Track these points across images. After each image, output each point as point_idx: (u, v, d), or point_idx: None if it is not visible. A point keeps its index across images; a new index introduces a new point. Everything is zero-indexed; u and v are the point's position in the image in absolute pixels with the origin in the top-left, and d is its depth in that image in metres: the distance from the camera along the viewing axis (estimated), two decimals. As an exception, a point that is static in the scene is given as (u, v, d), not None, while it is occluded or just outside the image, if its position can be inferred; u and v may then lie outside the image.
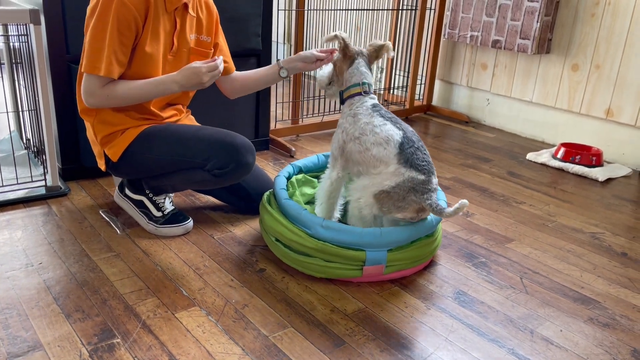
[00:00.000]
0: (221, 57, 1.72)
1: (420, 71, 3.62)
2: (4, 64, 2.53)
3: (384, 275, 1.65)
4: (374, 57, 1.77)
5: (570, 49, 3.00)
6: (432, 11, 3.45)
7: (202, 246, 1.82)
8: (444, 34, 3.43)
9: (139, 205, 1.91)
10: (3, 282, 1.55)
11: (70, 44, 2.07)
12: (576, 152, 2.77)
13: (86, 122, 1.84)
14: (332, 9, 3.33)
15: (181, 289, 1.57)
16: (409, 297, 1.60)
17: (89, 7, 1.68)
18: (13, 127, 2.65)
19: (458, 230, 2.04)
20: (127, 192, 1.94)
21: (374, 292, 1.62)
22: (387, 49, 1.76)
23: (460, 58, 3.56)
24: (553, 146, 3.12)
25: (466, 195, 2.37)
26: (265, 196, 1.85)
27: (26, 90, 2.19)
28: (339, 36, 1.71)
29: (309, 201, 1.99)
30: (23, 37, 1.98)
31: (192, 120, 2.05)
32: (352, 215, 1.71)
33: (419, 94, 3.68)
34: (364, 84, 1.73)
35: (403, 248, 1.65)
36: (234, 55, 2.19)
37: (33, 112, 2.14)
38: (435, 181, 1.65)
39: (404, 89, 3.59)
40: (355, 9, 3.71)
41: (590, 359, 1.39)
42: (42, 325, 1.38)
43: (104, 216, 1.97)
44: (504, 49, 3.11)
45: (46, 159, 2.06)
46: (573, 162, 2.76)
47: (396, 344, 1.39)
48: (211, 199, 2.17)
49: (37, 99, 2.03)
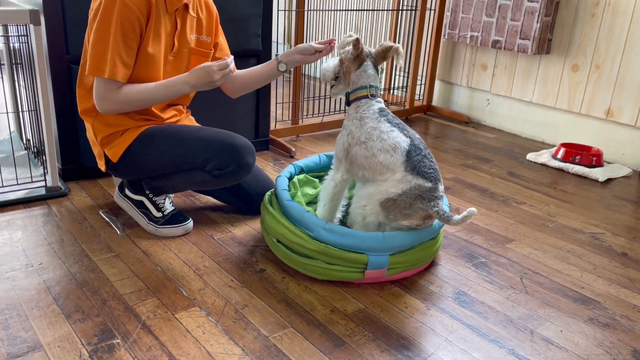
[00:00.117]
0: (232, 57, 1.72)
1: (420, 71, 3.62)
2: (4, 65, 2.53)
3: (385, 277, 1.65)
4: (381, 58, 1.73)
5: (570, 49, 3.00)
6: (432, 11, 3.45)
7: (202, 246, 1.82)
8: (444, 35, 3.43)
9: (139, 205, 1.91)
10: (3, 283, 1.55)
11: (70, 45, 2.07)
12: (576, 152, 2.77)
13: (86, 123, 1.84)
14: (332, 9, 3.34)
15: (181, 290, 1.57)
16: (409, 297, 1.60)
17: (91, 10, 1.68)
18: (13, 128, 2.65)
19: (458, 230, 2.04)
20: (127, 192, 1.94)
21: (374, 293, 1.62)
22: (397, 52, 1.70)
23: (460, 58, 3.56)
24: (553, 146, 3.12)
25: (466, 196, 2.37)
26: (267, 196, 1.84)
27: (26, 91, 2.19)
28: (355, 38, 1.67)
29: (311, 201, 1.99)
30: (23, 37, 1.99)
31: (192, 121, 2.05)
32: (355, 222, 1.70)
33: (419, 94, 3.68)
34: (371, 87, 1.70)
35: (405, 251, 1.64)
36: (234, 55, 2.19)
37: (33, 112, 2.14)
38: (442, 188, 1.64)
39: (404, 89, 3.59)
40: (355, 9, 3.72)
41: (590, 359, 1.39)
42: (42, 325, 1.38)
43: (104, 217, 1.97)
44: (504, 49, 3.11)
45: (46, 160, 2.06)
46: (573, 163, 2.76)
47: (396, 344, 1.39)
48: (211, 200, 2.17)
49: (37, 99, 2.03)
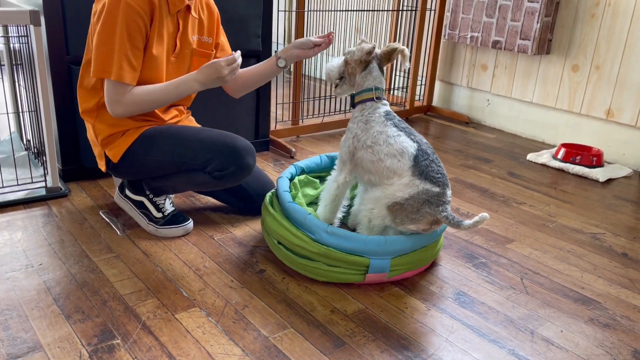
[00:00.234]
0: (239, 52, 1.71)
1: (420, 72, 3.62)
2: (4, 65, 2.53)
3: (386, 279, 1.65)
4: (387, 59, 1.70)
5: (571, 49, 3.00)
6: (432, 12, 3.45)
7: (202, 247, 1.82)
8: (444, 35, 3.43)
9: (139, 206, 1.91)
10: (3, 283, 1.55)
11: (70, 45, 2.07)
12: (576, 152, 2.77)
13: (87, 123, 1.84)
14: (332, 9, 3.34)
15: (181, 290, 1.57)
16: (409, 297, 1.60)
17: (94, 11, 1.67)
18: (13, 128, 2.65)
19: (458, 231, 2.04)
20: (128, 192, 1.94)
21: (374, 293, 1.61)
22: (402, 53, 1.66)
23: (461, 59, 3.56)
24: (553, 147, 3.12)
25: (466, 196, 2.37)
26: (268, 197, 1.83)
27: (26, 92, 2.19)
28: (372, 46, 1.65)
29: (311, 202, 1.99)
30: (23, 38, 1.99)
31: (192, 122, 2.05)
32: (360, 224, 1.71)
33: (419, 94, 3.68)
34: (377, 89, 1.69)
35: (406, 253, 1.64)
36: (234, 56, 2.19)
37: (33, 113, 2.14)
38: (450, 193, 1.63)
39: (404, 89, 3.59)
40: (356, 9, 3.72)
41: (590, 359, 1.38)
42: (42, 326, 1.38)
43: (104, 217, 1.97)
44: (504, 49, 3.11)
45: (46, 160, 2.06)
46: (573, 163, 2.76)
47: (396, 344, 1.39)
48: (211, 200, 2.16)
49: (37, 100, 2.03)
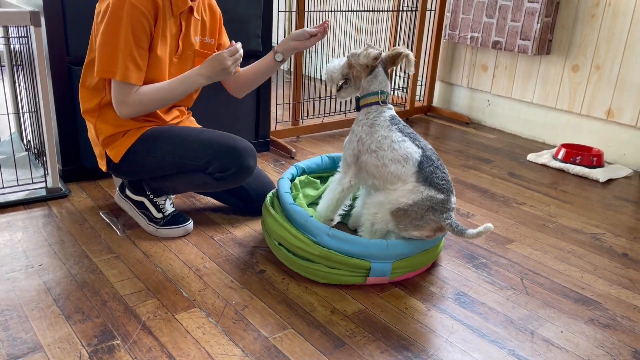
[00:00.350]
0: (239, 43, 1.71)
1: (420, 72, 3.62)
2: (4, 66, 2.53)
3: (386, 281, 1.65)
4: (391, 63, 1.69)
5: (571, 49, 3.00)
6: (433, 12, 3.45)
7: (203, 247, 1.82)
8: (444, 35, 3.43)
9: (140, 206, 1.91)
10: (3, 284, 1.55)
11: (70, 46, 2.07)
12: (577, 153, 2.77)
13: (88, 123, 1.84)
14: (332, 10, 3.34)
15: (181, 290, 1.57)
16: (409, 298, 1.60)
17: (98, 12, 1.66)
18: (14, 129, 2.66)
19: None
20: (128, 192, 1.94)
21: (374, 294, 1.61)
22: (407, 58, 1.64)
23: (461, 59, 3.56)
24: (554, 147, 3.12)
25: (467, 196, 2.37)
26: (269, 198, 1.83)
27: (26, 92, 2.20)
28: (379, 52, 1.64)
29: (312, 202, 1.99)
30: (23, 38, 1.99)
31: (193, 122, 2.05)
32: (363, 227, 1.70)
33: (420, 95, 3.68)
34: (382, 93, 1.68)
35: (407, 257, 1.64)
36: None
37: (33, 113, 2.14)
38: (454, 200, 1.62)
39: (405, 90, 3.59)
40: (356, 10, 3.72)
41: (591, 360, 1.39)
42: (42, 326, 1.38)
43: (104, 218, 1.97)
44: (504, 50, 3.11)
45: (46, 161, 2.06)
46: (574, 163, 2.76)
47: (396, 345, 1.39)
48: (211, 200, 2.17)
49: (37, 100, 2.03)
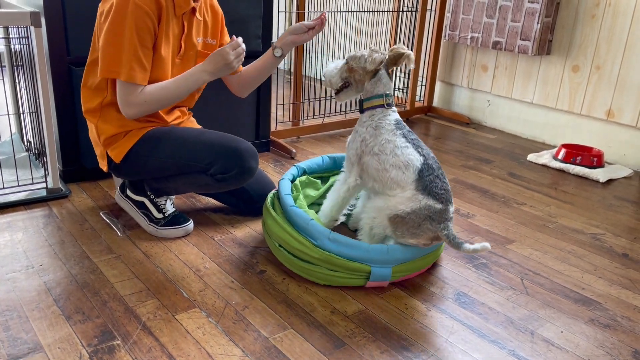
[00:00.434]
0: (240, 37, 1.71)
1: (420, 73, 3.62)
2: (4, 66, 2.53)
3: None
4: (392, 63, 1.69)
5: (571, 50, 3.00)
6: (433, 13, 3.45)
7: (203, 248, 1.82)
8: (445, 36, 3.43)
9: (140, 206, 1.91)
10: (4, 284, 1.55)
11: (70, 46, 2.07)
12: (577, 153, 2.77)
13: (89, 123, 1.83)
14: (332, 10, 3.34)
15: (181, 291, 1.57)
16: (409, 298, 1.60)
17: (101, 12, 1.66)
18: (14, 129, 2.66)
19: (459, 231, 2.04)
20: (129, 192, 1.94)
21: (374, 294, 1.61)
22: (409, 59, 1.66)
23: (461, 59, 3.56)
24: (554, 147, 3.12)
25: (467, 196, 2.37)
26: (269, 199, 1.82)
27: (27, 93, 2.20)
28: (385, 57, 1.65)
29: (313, 202, 1.99)
30: (24, 39, 1.99)
31: (193, 123, 2.05)
32: (362, 230, 1.71)
33: (420, 95, 3.68)
34: (386, 95, 1.68)
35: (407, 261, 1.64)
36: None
37: (34, 114, 2.14)
38: (452, 209, 1.62)
39: (405, 90, 3.59)
40: (356, 10, 3.72)
41: (591, 360, 1.39)
42: (43, 327, 1.38)
43: (104, 218, 1.97)
44: (505, 50, 3.11)
45: (47, 161, 2.06)
46: (574, 163, 2.76)
47: (396, 345, 1.39)
48: (212, 201, 2.17)
49: (37, 101, 2.03)
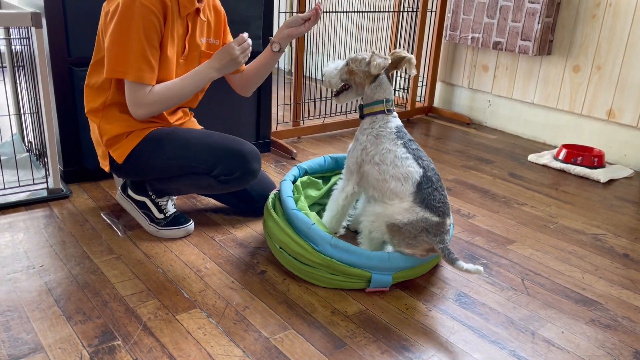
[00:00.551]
0: (246, 33, 1.72)
1: (421, 73, 3.62)
2: (5, 67, 2.54)
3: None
4: (393, 67, 1.68)
5: (572, 50, 3.00)
6: (433, 13, 3.45)
7: (203, 248, 1.82)
8: (445, 36, 3.43)
9: (141, 206, 1.91)
10: (4, 284, 1.55)
11: (71, 47, 2.07)
12: (578, 153, 2.77)
13: (91, 123, 1.83)
14: (333, 11, 3.34)
15: (182, 291, 1.57)
16: (410, 299, 1.60)
17: (107, 11, 1.66)
18: (15, 130, 2.66)
19: (459, 232, 2.04)
20: (130, 192, 1.94)
21: (374, 294, 1.61)
22: (409, 62, 1.64)
23: (462, 60, 3.56)
24: (555, 147, 3.11)
25: (467, 197, 2.36)
26: (270, 200, 1.82)
27: (28, 93, 2.20)
28: (390, 62, 1.63)
29: (314, 202, 1.99)
30: (25, 40, 1.99)
31: (194, 123, 2.05)
32: (362, 233, 1.71)
33: (420, 95, 3.68)
34: (387, 101, 1.67)
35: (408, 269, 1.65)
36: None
37: (35, 114, 2.14)
38: (449, 222, 1.62)
39: (405, 90, 3.59)
40: (356, 11, 3.72)
41: (591, 360, 1.38)
42: (43, 327, 1.39)
43: (105, 219, 1.97)
44: (505, 50, 3.11)
45: (48, 162, 2.06)
46: (575, 164, 2.76)
47: (397, 345, 1.39)
48: (212, 201, 2.17)
49: (38, 101, 2.03)
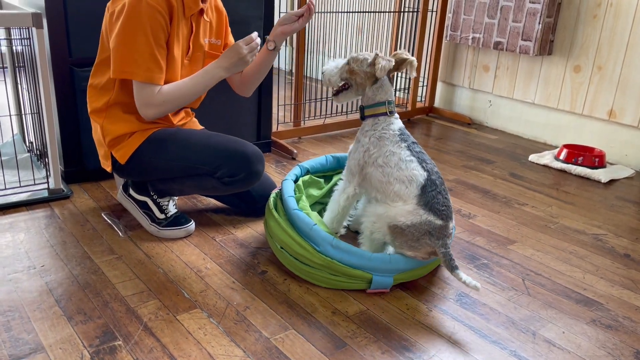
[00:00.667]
0: (256, 32, 1.72)
1: (422, 73, 3.62)
2: (6, 68, 2.54)
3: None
4: (394, 69, 1.66)
5: (572, 50, 3.00)
6: (434, 13, 3.45)
7: (204, 248, 1.82)
8: (446, 36, 3.43)
9: (143, 206, 1.91)
10: (5, 285, 1.56)
11: (72, 47, 2.08)
12: (579, 153, 2.77)
13: (94, 123, 1.83)
14: (333, 11, 3.34)
15: (183, 291, 1.57)
16: (410, 299, 1.60)
17: (112, 11, 1.65)
18: (16, 130, 2.66)
19: (460, 232, 2.04)
20: (131, 192, 1.94)
21: (375, 295, 1.61)
22: (411, 64, 1.64)
23: (462, 60, 3.56)
24: (555, 147, 3.11)
25: (468, 197, 2.36)
26: (272, 199, 1.81)
27: (29, 94, 2.20)
28: (393, 64, 1.62)
29: (316, 202, 1.99)
30: (26, 40, 1.99)
31: (196, 124, 2.05)
32: (363, 233, 1.71)
33: (421, 95, 3.68)
34: (389, 103, 1.67)
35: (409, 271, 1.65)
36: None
37: (35, 115, 2.15)
38: (452, 225, 1.61)
39: (406, 90, 3.59)
40: (357, 11, 3.72)
41: (592, 360, 1.38)
42: (44, 327, 1.39)
43: (106, 219, 1.98)
44: (506, 50, 3.11)
45: (49, 162, 2.07)
46: (575, 164, 2.76)
47: (398, 345, 1.39)
48: (213, 202, 2.17)
49: (39, 102, 2.03)
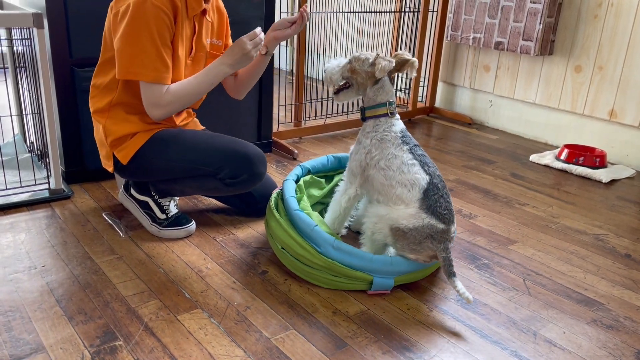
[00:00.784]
0: (259, 27, 1.72)
1: (423, 73, 3.62)
2: (7, 68, 2.54)
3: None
4: (395, 70, 1.67)
5: (573, 50, 2.99)
6: (435, 13, 3.45)
7: (205, 249, 1.82)
8: (447, 36, 3.43)
9: (144, 206, 1.91)
10: (6, 285, 1.56)
11: (73, 47, 2.08)
12: (580, 153, 2.77)
13: (96, 123, 1.82)
14: (334, 11, 3.34)
15: (183, 292, 1.57)
16: (411, 299, 1.60)
17: (116, 12, 1.65)
18: (17, 131, 2.66)
19: (461, 232, 2.04)
20: (133, 192, 1.94)
21: (376, 295, 1.61)
22: (412, 66, 1.65)
23: (463, 60, 3.56)
24: (556, 148, 3.11)
25: (469, 197, 2.36)
26: (273, 199, 1.81)
27: (29, 94, 2.20)
28: (394, 65, 1.62)
29: (317, 202, 1.99)
30: (26, 40, 1.99)
31: (197, 124, 2.05)
32: (364, 234, 1.71)
33: (422, 96, 3.68)
34: (390, 104, 1.66)
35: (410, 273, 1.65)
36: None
37: (36, 115, 2.15)
38: (454, 229, 1.61)
39: (407, 90, 3.59)
40: (358, 11, 3.72)
41: (593, 360, 1.38)
42: (45, 327, 1.39)
43: (107, 219, 1.98)
44: (507, 50, 3.10)
45: (49, 162, 2.07)
46: (576, 164, 2.76)
47: (398, 346, 1.39)
48: (214, 202, 2.17)
49: (40, 102, 2.04)
